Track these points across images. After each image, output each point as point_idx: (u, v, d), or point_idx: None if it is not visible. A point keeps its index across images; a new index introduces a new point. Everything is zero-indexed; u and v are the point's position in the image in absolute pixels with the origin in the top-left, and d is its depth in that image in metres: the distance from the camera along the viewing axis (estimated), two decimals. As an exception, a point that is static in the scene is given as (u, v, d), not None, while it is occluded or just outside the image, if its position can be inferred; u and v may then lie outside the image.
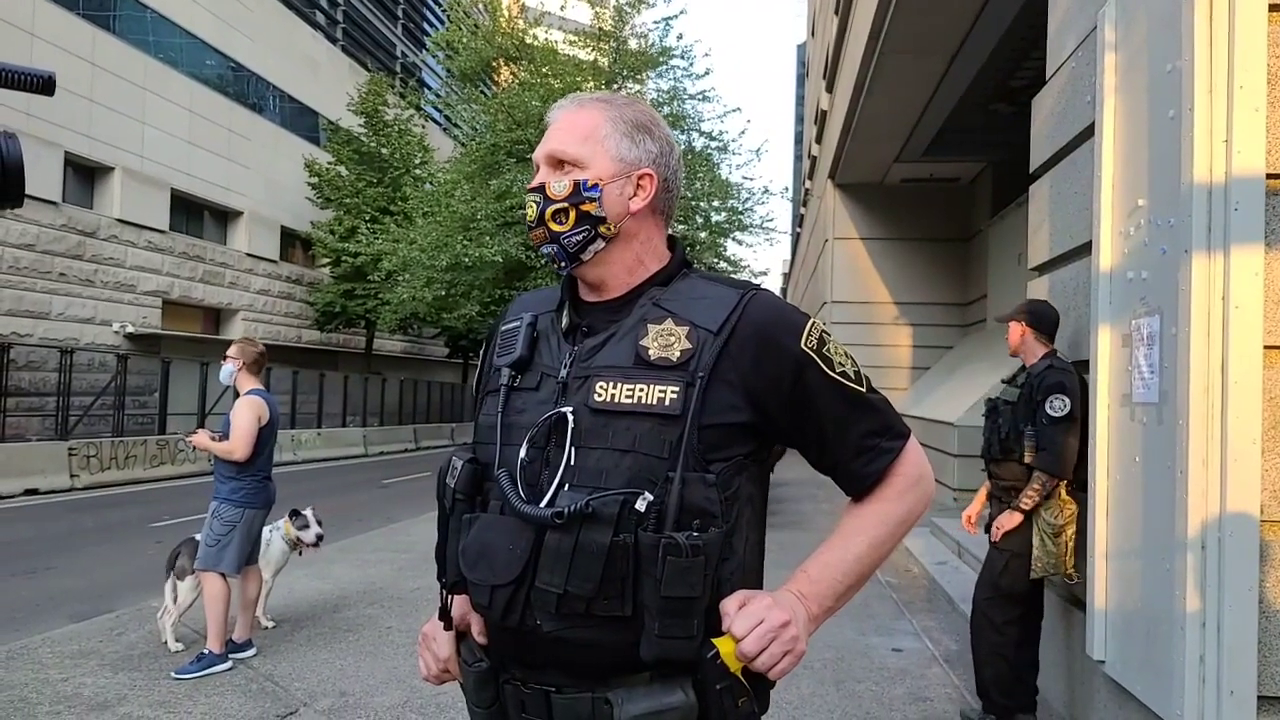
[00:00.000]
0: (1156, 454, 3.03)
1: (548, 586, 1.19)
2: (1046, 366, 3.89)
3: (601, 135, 1.34)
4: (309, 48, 30.29)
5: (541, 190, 1.34)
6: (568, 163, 1.34)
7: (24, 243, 18.19)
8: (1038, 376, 3.86)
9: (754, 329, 1.26)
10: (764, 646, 1.14)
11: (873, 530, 1.31)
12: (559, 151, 1.35)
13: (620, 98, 1.41)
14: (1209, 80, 2.75)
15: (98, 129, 20.24)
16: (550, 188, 1.33)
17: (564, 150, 1.34)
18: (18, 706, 4.17)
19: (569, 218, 1.32)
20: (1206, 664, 2.71)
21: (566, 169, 1.34)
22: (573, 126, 1.36)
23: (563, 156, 1.34)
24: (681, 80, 20.91)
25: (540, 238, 1.35)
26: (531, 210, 1.35)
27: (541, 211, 1.34)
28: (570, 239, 1.33)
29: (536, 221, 1.34)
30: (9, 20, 17.58)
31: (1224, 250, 2.71)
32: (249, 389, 5.06)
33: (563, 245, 1.33)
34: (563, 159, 1.34)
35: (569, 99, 1.41)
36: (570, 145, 1.34)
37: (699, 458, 1.20)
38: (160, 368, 18.76)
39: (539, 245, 1.37)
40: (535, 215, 1.34)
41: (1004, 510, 3.92)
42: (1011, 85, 11.66)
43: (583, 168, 1.33)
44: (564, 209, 1.32)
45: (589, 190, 1.32)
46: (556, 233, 1.33)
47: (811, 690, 4.57)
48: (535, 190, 1.36)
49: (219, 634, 4.78)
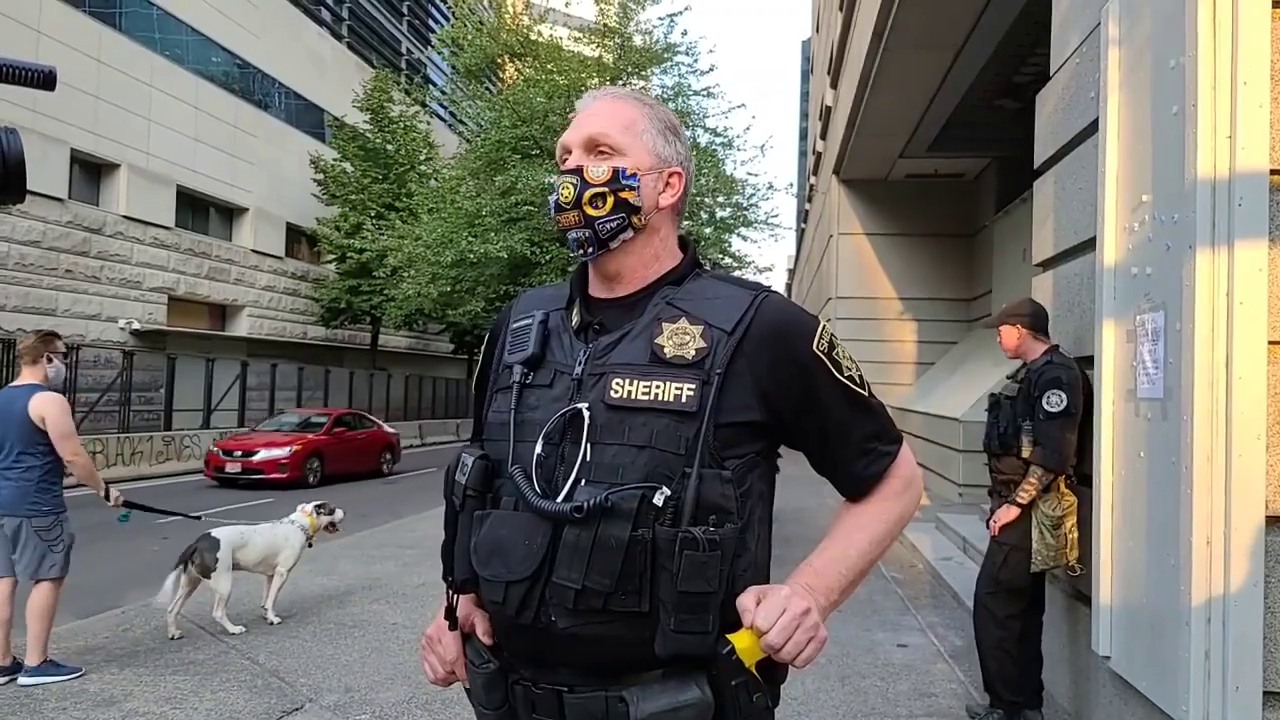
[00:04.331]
0: (1161, 449, 3.02)
1: (565, 582, 1.19)
2: (1046, 362, 3.91)
3: (640, 129, 1.35)
4: (315, 45, 30.30)
5: (579, 173, 1.33)
6: (606, 148, 1.34)
7: (30, 239, 18.24)
8: (1036, 371, 3.89)
9: (768, 330, 1.27)
10: (789, 635, 1.14)
11: (873, 527, 1.33)
12: (602, 135, 1.34)
13: (649, 98, 1.42)
14: (1213, 76, 2.75)
15: (104, 126, 20.27)
16: (589, 171, 1.33)
17: (606, 134, 1.34)
18: (24, 703, 4.20)
19: (606, 203, 1.31)
20: (1212, 660, 2.71)
21: (604, 154, 1.34)
22: (614, 115, 1.36)
23: (606, 140, 1.34)
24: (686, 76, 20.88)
25: (572, 221, 1.33)
26: (568, 192, 1.33)
27: (579, 194, 1.32)
28: (605, 224, 1.32)
29: (572, 203, 1.32)
30: (15, 18, 17.61)
31: (1228, 246, 2.70)
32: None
33: (596, 230, 1.32)
34: (603, 143, 1.34)
35: (603, 90, 1.41)
36: (613, 131, 1.34)
37: (715, 455, 1.21)
38: (166, 364, 18.83)
39: (568, 229, 1.35)
40: (572, 197, 1.32)
41: (1003, 504, 3.93)
42: (1016, 81, 11.62)
43: (623, 155, 1.33)
44: (602, 194, 1.31)
45: (628, 179, 1.32)
46: (592, 217, 1.32)
47: (816, 686, 4.58)
48: (572, 173, 1.34)
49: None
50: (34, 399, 4.53)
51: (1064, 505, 3.80)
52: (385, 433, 18.30)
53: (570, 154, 1.37)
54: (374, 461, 17.15)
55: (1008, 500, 3.87)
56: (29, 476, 4.52)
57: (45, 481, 4.57)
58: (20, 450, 4.51)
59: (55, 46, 18.45)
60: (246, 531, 5.62)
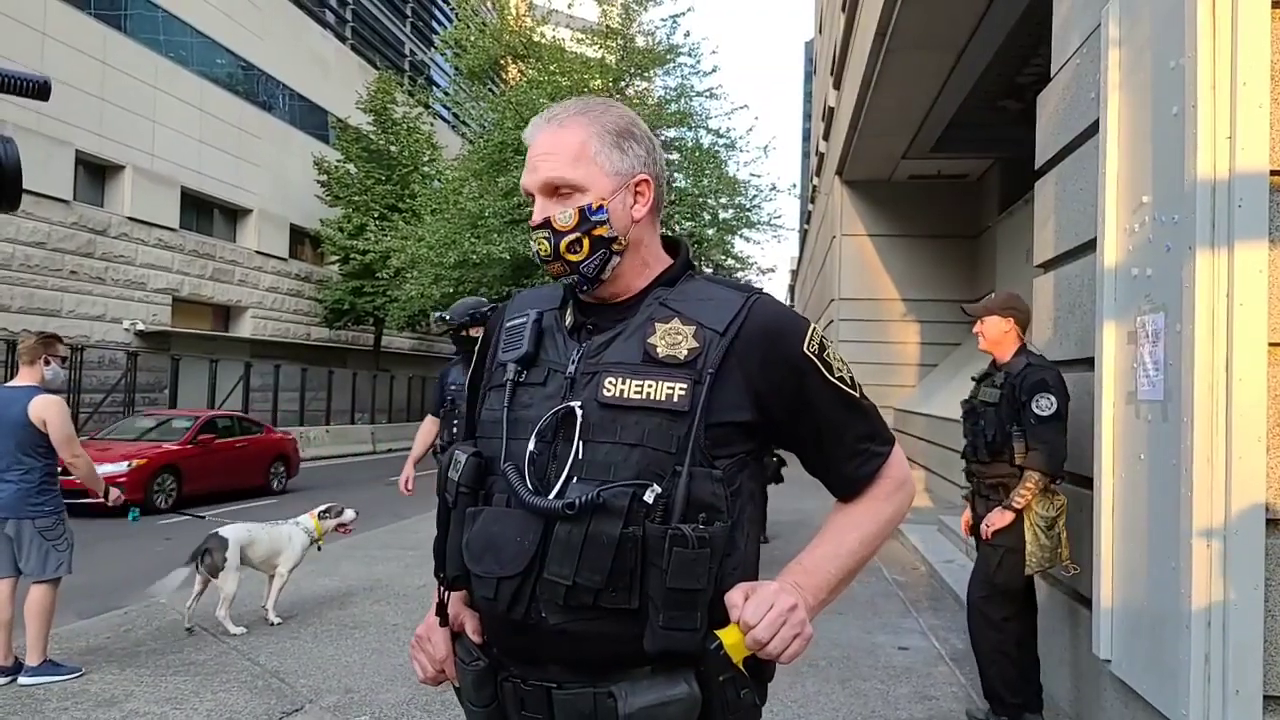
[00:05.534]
0: (1161, 452, 3.01)
1: (556, 578, 1.20)
2: (1026, 365, 3.91)
3: (592, 153, 1.32)
4: (318, 46, 30.32)
5: (548, 225, 1.32)
6: (564, 189, 1.32)
7: (35, 241, 18.25)
8: (1018, 376, 3.89)
9: (760, 331, 1.28)
10: (776, 631, 1.15)
11: (864, 527, 1.34)
12: (555, 179, 1.32)
13: (596, 104, 1.38)
14: (1212, 77, 2.74)
15: (109, 127, 20.30)
16: (556, 220, 1.31)
17: (560, 177, 1.31)
18: (25, 703, 4.21)
19: (583, 246, 1.31)
20: (1212, 663, 2.70)
21: (565, 194, 1.32)
22: (563, 148, 1.32)
23: (559, 184, 1.32)
24: (689, 77, 20.92)
25: (559, 271, 1.34)
26: (545, 247, 1.32)
27: (555, 246, 1.31)
28: (589, 265, 1.32)
29: (552, 257, 1.32)
30: (21, 20, 17.65)
31: (1228, 247, 2.69)
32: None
33: (582, 273, 1.33)
34: (559, 186, 1.32)
35: (543, 117, 1.37)
36: (564, 170, 1.31)
37: (706, 453, 1.22)
38: (170, 365, 18.85)
39: (558, 278, 1.35)
40: (550, 251, 1.32)
41: (991, 508, 3.93)
42: (1019, 81, 11.61)
43: (583, 191, 1.31)
44: (576, 239, 1.31)
45: (595, 214, 1.31)
46: (575, 263, 1.32)
47: (817, 688, 4.57)
48: (542, 227, 1.33)
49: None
50: (34, 402, 4.55)
51: (1056, 506, 3.81)
52: (276, 438, 14.89)
53: (534, 200, 1.35)
54: (259, 476, 13.88)
55: (1002, 504, 3.87)
56: (29, 479, 4.53)
57: (45, 483, 4.59)
58: (21, 453, 4.53)
59: (60, 49, 18.49)
60: (254, 529, 5.68)
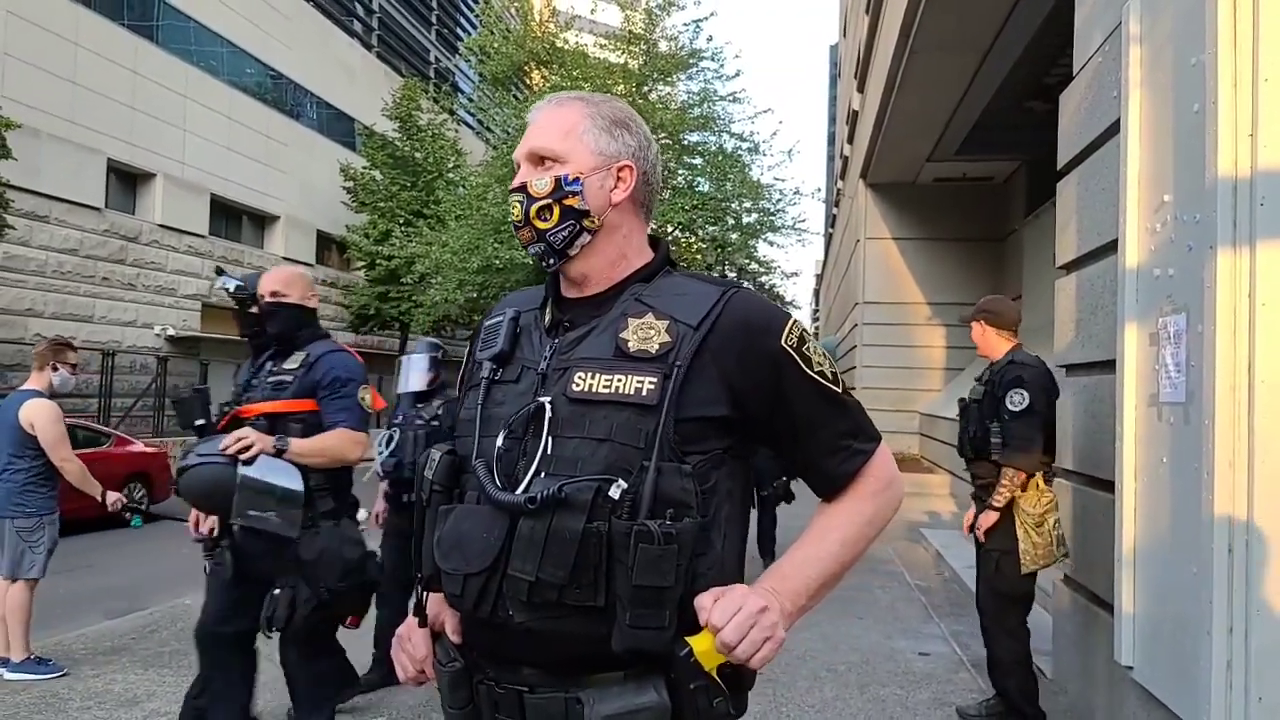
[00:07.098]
0: (1183, 455, 2.96)
1: (519, 573, 1.19)
2: (1008, 362, 3.91)
3: (580, 131, 1.35)
4: (345, 54, 30.65)
5: (524, 190, 1.35)
6: (548, 159, 1.35)
7: (68, 248, 18.57)
8: (999, 372, 3.90)
9: (736, 325, 1.27)
10: (744, 634, 1.13)
11: (845, 529, 1.31)
12: (540, 148, 1.35)
13: (598, 96, 1.42)
14: (1233, 74, 2.69)
15: (140, 136, 20.62)
16: (532, 186, 1.34)
17: (545, 146, 1.35)
18: (49, 702, 4.27)
19: (553, 214, 1.33)
20: (1233, 670, 2.64)
21: (548, 165, 1.35)
22: (553, 123, 1.37)
23: (544, 153, 1.35)
24: (712, 82, 20.83)
25: (528, 237, 1.36)
26: (517, 210, 1.35)
27: (526, 210, 1.34)
28: (556, 235, 1.34)
29: (523, 221, 1.35)
30: (54, 31, 17.99)
31: (1250, 246, 2.64)
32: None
33: (549, 242, 1.34)
34: (543, 155, 1.35)
35: (547, 99, 1.43)
36: (551, 141, 1.35)
37: (675, 449, 1.20)
38: (199, 369, 19.10)
39: (526, 245, 1.38)
40: (520, 215, 1.35)
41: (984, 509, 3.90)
42: (1046, 82, 11.45)
43: (563, 163, 1.34)
44: (547, 205, 1.33)
45: (570, 184, 1.33)
46: (542, 230, 1.34)
47: (835, 694, 4.53)
48: (517, 190, 1.36)
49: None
50: (24, 406, 4.76)
51: (1044, 502, 3.76)
52: (135, 453, 11.15)
53: (519, 169, 1.39)
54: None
55: (986, 504, 3.84)
56: (14, 479, 4.75)
57: (32, 484, 4.78)
58: (10, 455, 4.75)
59: (92, 59, 18.82)
60: None
